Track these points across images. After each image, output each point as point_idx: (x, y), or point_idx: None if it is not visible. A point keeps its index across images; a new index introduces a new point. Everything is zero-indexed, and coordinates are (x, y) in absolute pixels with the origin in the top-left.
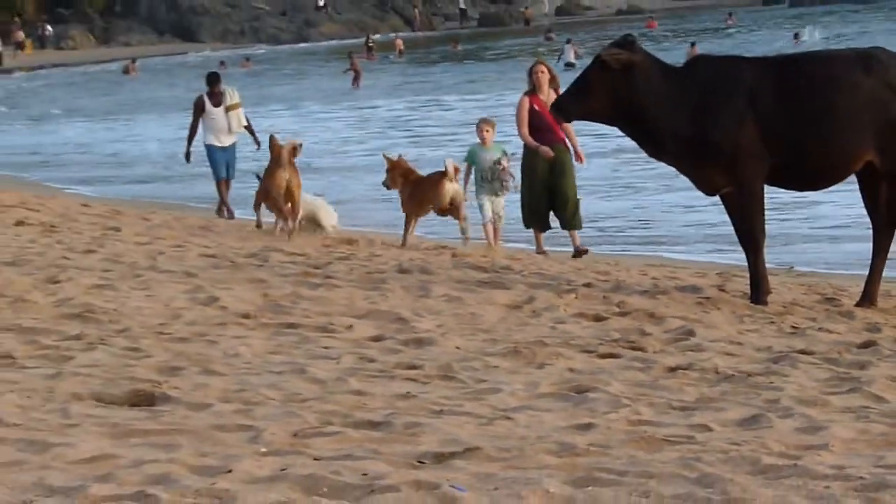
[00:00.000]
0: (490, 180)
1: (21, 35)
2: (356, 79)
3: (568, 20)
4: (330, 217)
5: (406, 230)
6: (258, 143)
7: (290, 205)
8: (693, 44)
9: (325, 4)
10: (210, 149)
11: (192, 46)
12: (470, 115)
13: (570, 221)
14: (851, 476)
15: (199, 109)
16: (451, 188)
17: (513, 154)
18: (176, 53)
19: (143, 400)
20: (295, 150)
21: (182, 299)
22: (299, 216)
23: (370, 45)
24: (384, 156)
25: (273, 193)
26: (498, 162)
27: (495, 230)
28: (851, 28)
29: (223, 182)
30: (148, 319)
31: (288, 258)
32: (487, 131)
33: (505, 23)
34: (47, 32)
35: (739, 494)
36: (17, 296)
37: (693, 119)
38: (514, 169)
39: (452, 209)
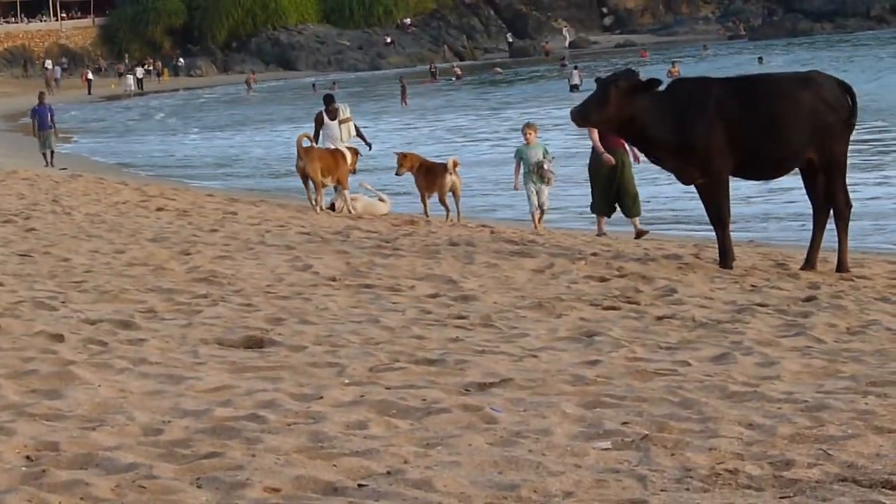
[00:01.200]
0: (535, 172)
1: (160, 65)
2: (403, 97)
3: (578, 52)
4: (383, 208)
5: (424, 205)
6: (369, 146)
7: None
8: (674, 63)
9: (392, 41)
10: None
11: (292, 74)
12: (512, 123)
13: (631, 209)
14: (798, 399)
15: (318, 122)
16: (450, 179)
17: (553, 157)
18: (279, 79)
19: (255, 343)
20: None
21: (284, 266)
22: (359, 210)
23: (433, 70)
24: (395, 153)
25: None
26: (542, 160)
27: (542, 215)
28: (798, 56)
29: None
30: (258, 282)
31: (364, 234)
32: (531, 133)
33: (530, 54)
34: (180, 63)
35: (712, 414)
36: (158, 264)
37: (675, 128)
38: (556, 166)
39: (455, 195)
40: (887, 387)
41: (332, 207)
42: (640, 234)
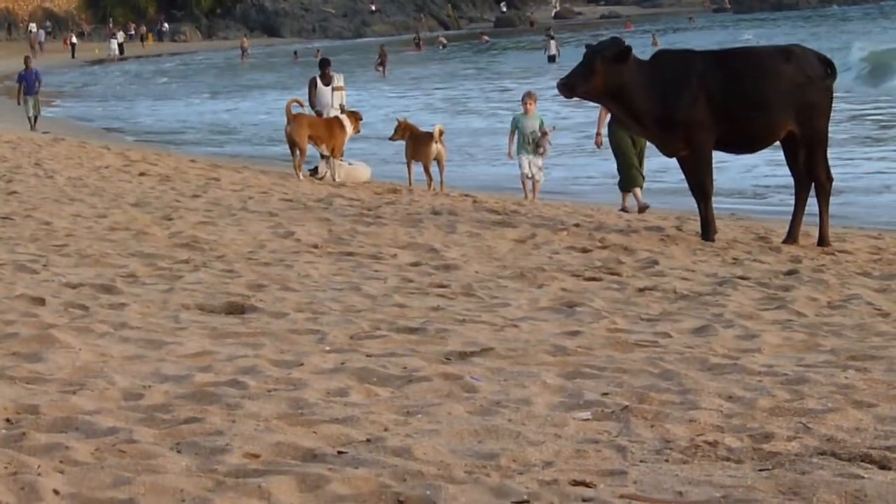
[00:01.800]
0: (530, 143)
1: (144, 30)
2: (383, 65)
3: (563, 23)
4: (365, 174)
5: (409, 174)
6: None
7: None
8: (653, 34)
9: (376, 9)
10: None
11: (276, 40)
12: (504, 94)
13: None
14: (778, 372)
15: (312, 86)
16: (435, 147)
17: (554, 127)
18: (266, 45)
19: (236, 309)
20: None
21: (266, 233)
22: (342, 178)
23: (417, 40)
24: (397, 119)
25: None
26: (539, 130)
27: (534, 186)
28: (781, 30)
29: None
30: (240, 248)
31: (347, 202)
32: (530, 103)
33: (515, 24)
34: (164, 28)
35: (692, 386)
36: (140, 229)
37: (659, 101)
38: (555, 137)
39: (439, 163)
40: (867, 361)
41: (314, 173)
42: (643, 209)
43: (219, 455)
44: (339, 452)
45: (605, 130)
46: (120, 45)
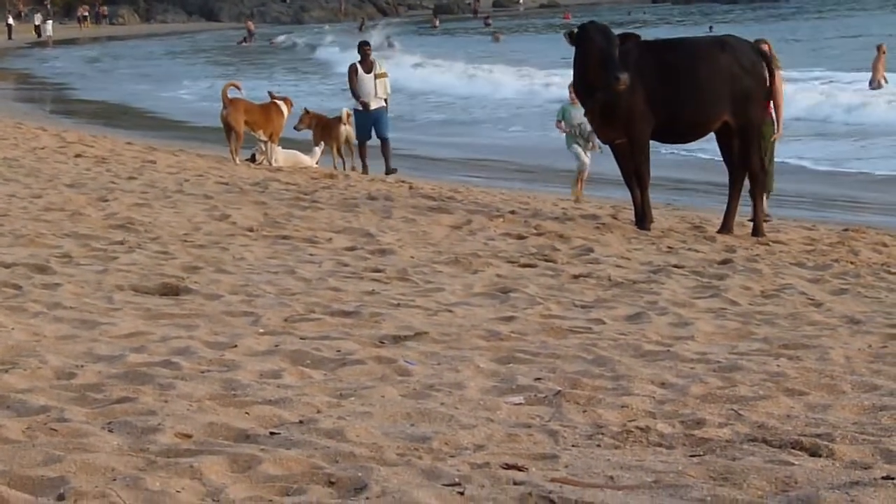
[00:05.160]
0: (578, 135)
1: (104, 10)
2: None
3: (504, 11)
4: (306, 160)
5: (315, 158)
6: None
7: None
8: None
9: None
10: (355, 113)
11: (215, 25)
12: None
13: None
14: (711, 360)
15: (352, 74)
16: (344, 130)
17: None
18: (203, 30)
19: (170, 291)
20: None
21: (202, 216)
22: (280, 162)
23: (362, 27)
24: (304, 108)
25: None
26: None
27: (581, 177)
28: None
29: (364, 144)
30: (175, 230)
31: (283, 186)
32: None
33: (454, 11)
34: (105, 12)
35: (625, 372)
36: (75, 210)
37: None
38: None
39: (348, 144)
40: (799, 349)
41: (252, 159)
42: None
43: (151, 435)
44: (272, 433)
45: None
46: (36, 28)
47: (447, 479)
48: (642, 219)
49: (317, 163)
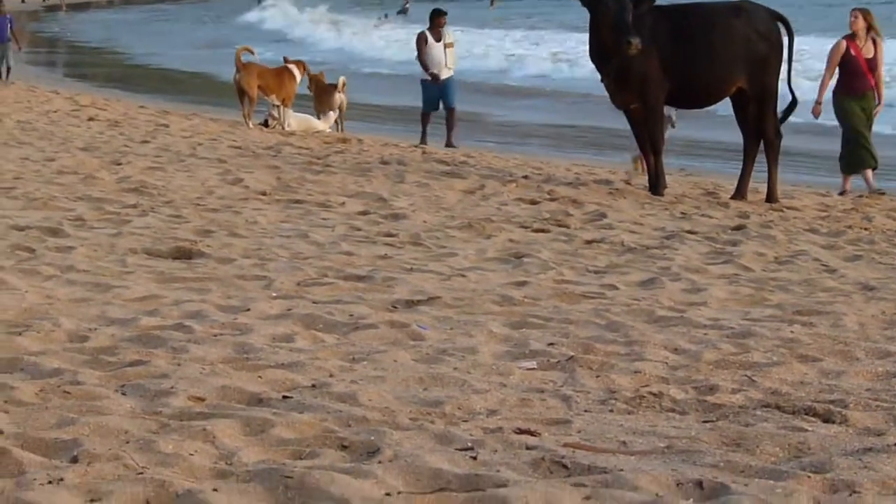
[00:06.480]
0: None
1: None
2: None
3: None
4: (319, 125)
5: (328, 122)
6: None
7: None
8: None
9: None
10: (425, 83)
11: None
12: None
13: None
14: (724, 326)
15: (421, 43)
16: (339, 97)
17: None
18: None
19: (183, 254)
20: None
21: (215, 179)
22: (293, 128)
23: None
24: (310, 74)
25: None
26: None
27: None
28: None
29: (429, 115)
30: (188, 194)
31: (296, 150)
32: None
33: None
34: None
35: (638, 337)
36: (88, 173)
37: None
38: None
39: (340, 112)
40: (813, 316)
41: (265, 124)
42: (876, 194)
43: (163, 398)
44: (284, 397)
45: (826, 98)
46: None
47: (460, 443)
48: (656, 184)
49: (330, 127)
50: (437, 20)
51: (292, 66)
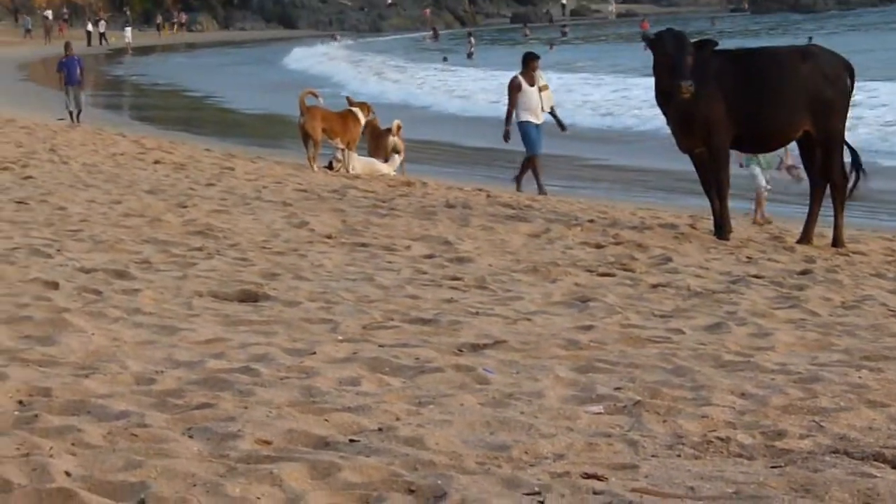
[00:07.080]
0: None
1: (184, 17)
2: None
3: (581, 20)
4: (383, 168)
5: (393, 166)
6: (563, 127)
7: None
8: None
9: (393, 2)
10: (526, 125)
11: (294, 33)
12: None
13: None
14: (792, 371)
15: (514, 88)
16: (392, 140)
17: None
18: (280, 39)
19: (249, 297)
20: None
21: (280, 222)
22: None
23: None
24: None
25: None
26: (780, 157)
27: (760, 199)
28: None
29: (536, 158)
30: (254, 237)
31: (361, 193)
32: None
33: (531, 20)
34: (183, 19)
35: (705, 382)
36: (155, 216)
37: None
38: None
39: (398, 153)
40: (881, 361)
41: (329, 167)
42: None
43: (230, 441)
44: (351, 440)
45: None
46: (101, 35)
47: (527, 488)
48: (721, 228)
49: (396, 170)
50: (530, 63)
51: (356, 109)
